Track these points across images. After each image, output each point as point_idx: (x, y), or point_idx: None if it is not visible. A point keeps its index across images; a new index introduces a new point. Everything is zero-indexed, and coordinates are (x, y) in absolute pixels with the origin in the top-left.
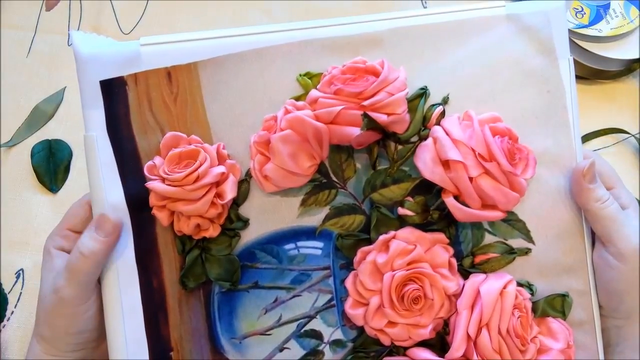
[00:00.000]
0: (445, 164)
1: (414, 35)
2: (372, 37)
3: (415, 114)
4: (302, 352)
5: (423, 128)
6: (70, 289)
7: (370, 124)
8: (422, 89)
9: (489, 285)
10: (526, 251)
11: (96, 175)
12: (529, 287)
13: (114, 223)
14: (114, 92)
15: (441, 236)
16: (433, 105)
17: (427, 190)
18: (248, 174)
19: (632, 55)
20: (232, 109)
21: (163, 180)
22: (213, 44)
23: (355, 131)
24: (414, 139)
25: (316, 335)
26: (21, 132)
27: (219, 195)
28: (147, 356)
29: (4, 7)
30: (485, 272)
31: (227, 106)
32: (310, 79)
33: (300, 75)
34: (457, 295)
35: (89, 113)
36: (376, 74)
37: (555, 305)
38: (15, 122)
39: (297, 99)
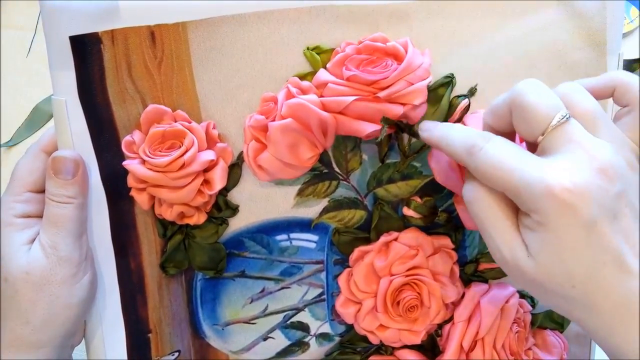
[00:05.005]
0: (464, 168)
1: (447, 12)
2: (396, 9)
3: (439, 105)
4: (286, 343)
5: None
6: (66, 242)
7: (388, 122)
8: (447, 76)
9: (490, 299)
10: None
11: (67, 146)
12: (532, 297)
13: (73, 159)
14: (86, 50)
15: (446, 241)
16: (458, 96)
17: (437, 189)
18: (240, 158)
19: (632, 55)
20: (225, 82)
21: (143, 161)
22: (207, 2)
23: (367, 127)
24: None
25: (303, 327)
26: (21, 132)
27: (207, 183)
28: (123, 335)
29: (4, 7)
30: (487, 280)
31: (220, 78)
32: (320, 54)
33: (308, 48)
34: (455, 301)
35: (57, 74)
36: (398, 57)
37: (555, 318)
38: (15, 122)
39: (302, 77)
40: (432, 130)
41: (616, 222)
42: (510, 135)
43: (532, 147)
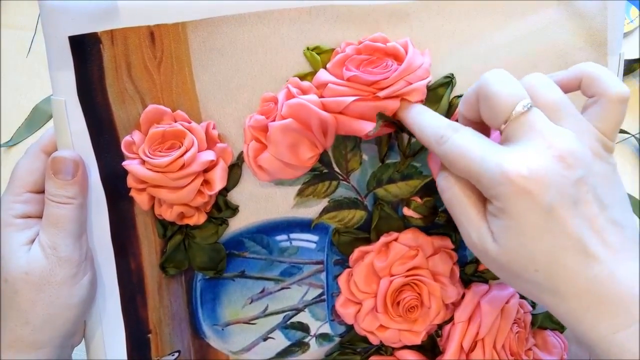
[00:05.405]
0: None
1: (447, 12)
2: (397, 9)
3: (439, 105)
4: (287, 343)
5: None
6: (66, 243)
7: (384, 118)
8: (447, 76)
9: (490, 300)
10: None
11: (66, 147)
12: None
13: (72, 159)
14: (85, 51)
15: (447, 242)
16: (458, 96)
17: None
18: (240, 158)
19: (632, 55)
20: (225, 82)
21: (143, 162)
22: (207, 2)
23: (366, 126)
24: None
25: (303, 327)
26: (21, 132)
27: (207, 183)
28: (123, 336)
29: (4, 7)
30: (487, 280)
31: (219, 78)
32: (320, 54)
33: (308, 48)
34: (455, 302)
35: (56, 74)
36: (398, 57)
37: (555, 319)
38: (15, 122)
39: (302, 77)
40: (408, 111)
41: (577, 209)
42: (483, 124)
43: None
